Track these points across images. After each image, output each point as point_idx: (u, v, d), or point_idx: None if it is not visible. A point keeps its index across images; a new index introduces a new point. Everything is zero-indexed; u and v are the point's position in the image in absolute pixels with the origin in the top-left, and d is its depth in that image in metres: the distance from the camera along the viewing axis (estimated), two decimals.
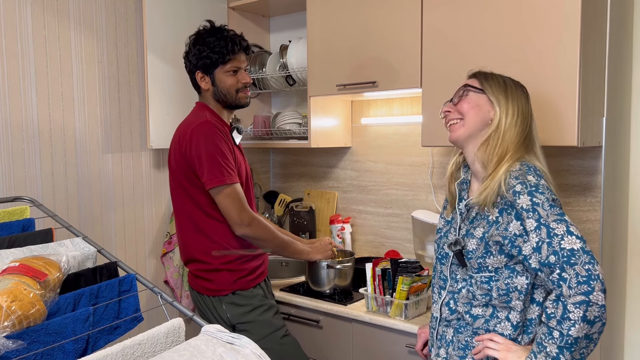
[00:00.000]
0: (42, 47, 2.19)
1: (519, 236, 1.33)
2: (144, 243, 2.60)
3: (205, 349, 1.20)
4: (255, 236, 1.94)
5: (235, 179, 1.92)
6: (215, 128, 1.93)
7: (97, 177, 2.39)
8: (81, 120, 2.33)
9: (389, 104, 2.61)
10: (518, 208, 1.33)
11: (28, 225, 1.70)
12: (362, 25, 2.25)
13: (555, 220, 1.28)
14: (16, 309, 1.18)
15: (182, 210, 2.01)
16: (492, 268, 1.40)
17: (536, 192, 1.32)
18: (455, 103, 1.51)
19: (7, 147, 2.10)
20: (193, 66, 2.02)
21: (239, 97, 2.04)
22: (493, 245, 1.38)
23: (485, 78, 1.50)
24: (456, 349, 1.48)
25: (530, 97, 1.51)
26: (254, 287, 2.02)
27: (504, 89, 1.46)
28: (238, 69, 2.02)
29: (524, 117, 1.44)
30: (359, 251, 2.74)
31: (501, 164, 1.40)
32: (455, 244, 1.46)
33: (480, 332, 1.44)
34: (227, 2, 2.79)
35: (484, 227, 1.41)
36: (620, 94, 2.05)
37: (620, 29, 1.98)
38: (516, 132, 1.42)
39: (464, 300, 1.46)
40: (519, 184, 1.34)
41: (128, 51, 2.49)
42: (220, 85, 2.01)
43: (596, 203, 2.05)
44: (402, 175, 2.59)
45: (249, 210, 1.93)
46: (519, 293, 1.38)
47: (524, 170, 1.36)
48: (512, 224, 1.34)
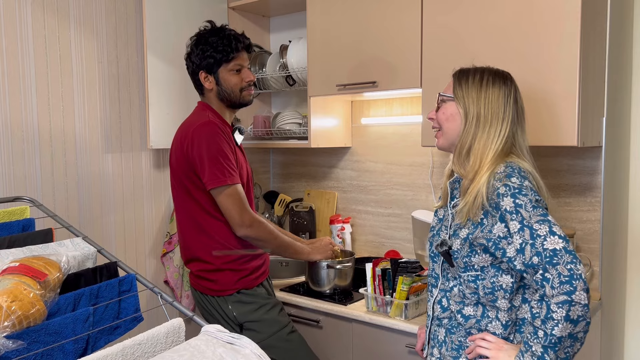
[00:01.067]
0: (42, 47, 2.19)
1: (503, 238, 1.33)
2: (144, 243, 2.60)
3: (205, 349, 1.20)
4: (256, 237, 1.94)
5: (237, 179, 1.92)
6: (217, 128, 1.93)
7: (97, 177, 2.39)
8: (81, 120, 2.33)
9: (389, 104, 2.61)
10: (502, 210, 1.32)
11: (28, 225, 1.70)
12: (362, 25, 2.25)
13: (538, 221, 1.28)
14: (16, 309, 1.18)
15: (183, 210, 2.01)
16: (477, 267, 1.40)
17: (519, 194, 1.31)
18: (436, 111, 1.51)
19: (7, 147, 2.10)
20: (196, 66, 2.01)
21: (243, 95, 2.04)
22: (477, 246, 1.39)
23: (459, 80, 1.46)
24: (450, 350, 1.48)
25: (530, 98, 1.50)
26: (257, 286, 2.03)
27: (477, 90, 1.42)
28: (241, 67, 2.02)
29: (498, 120, 1.40)
30: (359, 251, 2.74)
31: (478, 175, 1.38)
32: (442, 244, 1.46)
33: (473, 331, 1.44)
34: (227, 2, 2.79)
35: (468, 228, 1.41)
36: (620, 94, 2.05)
37: (620, 29, 1.98)
38: (490, 138, 1.39)
39: (457, 299, 1.46)
40: (503, 186, 1.33)
41: (128, 51, 2.49)
42: (225, 84, 2.00)
43: (596, 203, 2.05)
44: (402, 175, 2.59)
45: (250, 211, 1.93)
46: (504, 292, 1.38)
47: (508, 172, 1.35)
48: (496, 226, 1.34)
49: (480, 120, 1.40)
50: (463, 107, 1.43)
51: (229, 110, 2.08)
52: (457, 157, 1.45)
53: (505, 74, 1.46)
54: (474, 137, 1.41)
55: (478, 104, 1.41)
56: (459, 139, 1.44)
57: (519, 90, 1.46)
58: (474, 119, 1.41)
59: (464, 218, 1.40)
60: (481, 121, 1.40)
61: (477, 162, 1.40)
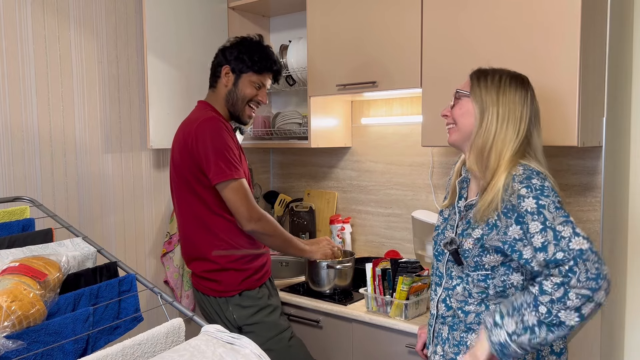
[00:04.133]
0: (42, 48, 2.19)
1: (518, 240, 1.33)
2: (144, 243, 2.60)
3: (205, 349, 1.20)
4: (263, 231, 1.93)
5: (242, 174, 1.92)
6: (221, 123, 1.93)
7: (97, 177, 2.39)
8: (81, 120, 2.33)
9: (389, 104, 2.61)
10: (522, 211, 1.31)
11: (28, 225, 1.70)
12: (362, 25, 2.25)
13: (562, 223, 1.27)
14: (16, 309, 1.18)
15: (187, 209, 2.00)
16: (488, 266, 1.41)
17: (541, 195, 1.31)
18: (452, 107, 1.52)
19: (7, 147, 2.10)
20: (224, 59, 2.03)
21: (245, 109, 2.06)
22: (491, 247, 1.39)
23: (478, 79, 1.47)
24: (452, 346, 1.49)
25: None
26: (260, 287, 2.02)
27: (496, 90, 1.43)
28: (262, 86, 2.06)
29: (516, 120, 1.41)
30: (359, 251, 2.74)
31: (496, 174, 1.38)
32: (451, 243, 1.46)
33: (473, 326, 1.44)
34: (227, 2, 2.79)
35: (482, 229, 1.40)
36: (620, 94, 2.05)
37: (620, 29, 1.98)
38: (507, 137, 1.40)
39: (460, 297, 1.47)
40: (524, 188, 1.32)
41: (128, 51, 2.49)
42: (239, 89, 2.02)
43: (596, 203, 2.05)
44: (402, 175, 2.59)
45: (257, 206, 1.94)
46: (515, 289, 1.40)
47: (528, 174, 1.35)
48: (511, 228, 1.33)
49: (499, 119, 1.41)
50: (480, 106, 1.43)
51: (228, 114, 2.08)
52: (478, 157, 1.43)
53: (523, 77, 1.47)
54: (496, 136, 1.40)
55: (497, 103, 1.41)
56: (479, 138, 1.42)
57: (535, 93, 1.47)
58: (494, 118, 1.41)
59: (481, 218, 1.39)
60: (499, 120, 1.41)
61: (496, 161, 1.39)
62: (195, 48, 2.63)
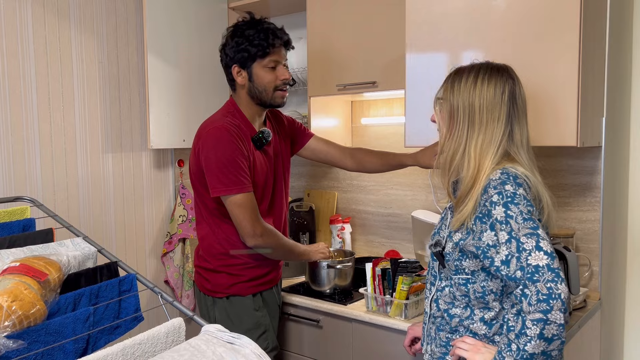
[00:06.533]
0: (42, 47, 2.19)
1: (492, 247, 1.30)
2: (144, 243, 2.60)
3: (206, 348, 1.20)
4: (266, 246, 1.90)
5: (247, 187, 1.84)
6: (229, 133, 1.84)
7: (98, 177, 2.39)
8: (81, 120, 2.33)
9: (389, 104, 2.61)
10: (493, 219, 1.29)
11: (28, 225, 1.70)
12: (362, 25, 2.25)
13: (526, 235, 1.25)
14: (16, 309, 1.18)
15: (197, 206, 2.03)
16: (468, 271, 1.39)
17: (511, 203, 1.28)
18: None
19: (7, 147, 2.10)
20: (230, 60, 1.90)
21: (275, 95, 1.93)
22: (468, 252, 1.38)
23: (453, 81, 1.41)
24: (438, 346, 1.48)
25: (530, 97, 1.49)
26: (254, 296, 1.99)
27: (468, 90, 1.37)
28: (277, 64, 1.91)
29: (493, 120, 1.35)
30: (359, 251, 2.74)
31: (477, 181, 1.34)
32: (436, 244, 1.46)
33: (460, 329, 1.43)
34: (227, 2, 2.79)
35: (461, 233, 1.39)
36: (620, 94, 2.05)
37: (620, 29, 1.98)
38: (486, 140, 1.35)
39: (447, 299, 1.46)
40: (497, 194, 1.30)
41: (128, 51, 2.49)
42: (257, 81, 1.90)
43: (596, 203, 2.05)
44: (402, 175, 2.59)
45: (261, 221, 1.88)
46: (494, 295, 1.37)
47: (504, 179, 1.31)
48: (485, 233, 1.31)
49: (474, 122, 1.36)
50: (448, 110, 1.38)
51: (258, 110, 1.97)
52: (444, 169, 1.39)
53: (502, 68, 1.40)
54: (468, 141, 1.36)
55: (469, 105, 1.36)
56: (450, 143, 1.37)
57: (520, 83, 1.41)
58: (466, 121, 1.36)
59: (457, 226, 1.38)
60: (476, 123, 1.36)
61: (475, 167, 1.35)
62: (195, 48, 2.63)
